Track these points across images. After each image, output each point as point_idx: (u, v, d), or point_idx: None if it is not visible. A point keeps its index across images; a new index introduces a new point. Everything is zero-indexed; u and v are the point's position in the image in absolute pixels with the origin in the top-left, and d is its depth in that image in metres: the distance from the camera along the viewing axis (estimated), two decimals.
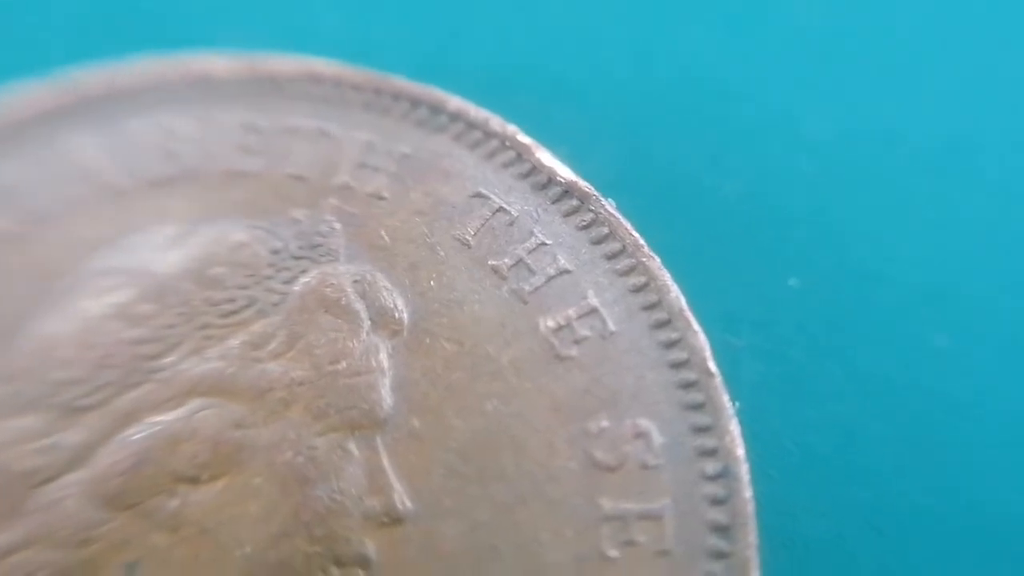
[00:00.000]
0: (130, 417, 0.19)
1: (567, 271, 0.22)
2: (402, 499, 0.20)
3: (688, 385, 0.21)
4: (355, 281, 0.21)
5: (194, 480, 0.18)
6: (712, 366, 0.21)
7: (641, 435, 0.21)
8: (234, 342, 0.20)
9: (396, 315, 0.21)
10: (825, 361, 0.24)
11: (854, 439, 0.23)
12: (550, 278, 0.22)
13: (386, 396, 0.20)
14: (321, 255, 0.21)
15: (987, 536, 0.22)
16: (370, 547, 0.19)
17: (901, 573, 0.22)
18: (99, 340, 0.19)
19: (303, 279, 0.21)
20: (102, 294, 0.20)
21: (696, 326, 0.21)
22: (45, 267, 0.21)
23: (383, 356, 0.20)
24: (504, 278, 0.22)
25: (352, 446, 0.20)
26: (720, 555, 0.19)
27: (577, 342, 0.21)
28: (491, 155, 0.23)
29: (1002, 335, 0.24)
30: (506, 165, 0.23)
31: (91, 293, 0.20)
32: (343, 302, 0.21)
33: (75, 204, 0.22)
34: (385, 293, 0.21)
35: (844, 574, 0.21)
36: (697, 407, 0.21)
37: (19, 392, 0.19)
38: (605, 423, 0.20)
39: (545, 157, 0.23)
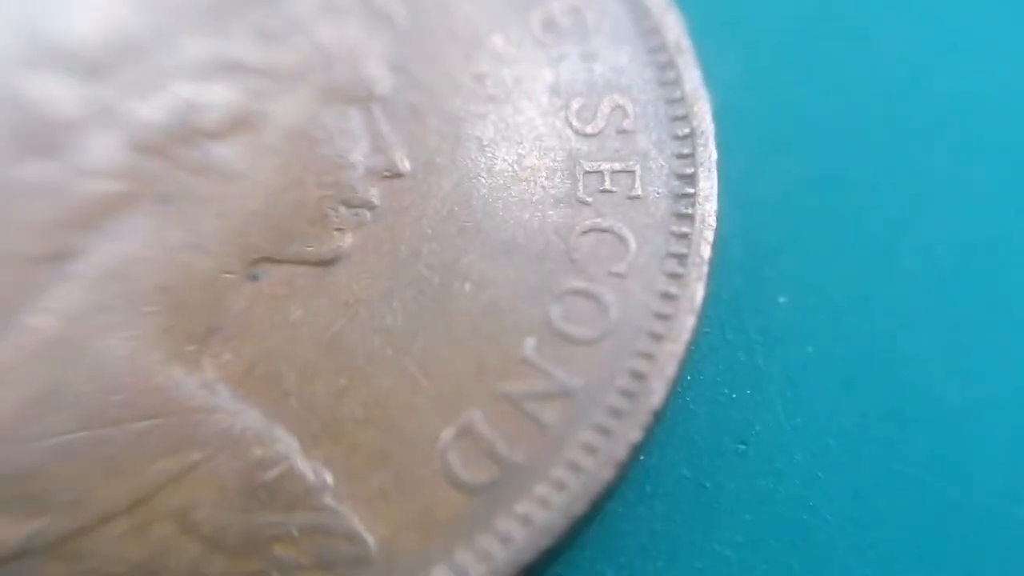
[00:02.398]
0: (160, 83, 0.22)
1: None
2: (401, 158, 0.23)
3: (663, 65, 0.24)
4: None
5: (217, 136, 0.21)
6: (685, 44, 0.23)
7: (618, 108, 0.24)
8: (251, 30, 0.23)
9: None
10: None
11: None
12: None
13: (385, 74, 0.23)
14: None
15: None
16: (374, 193, 0.22)
17: None
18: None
19: None
20: None
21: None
22: None
23: (381, 44, 0.23)
24: None
25: (355, 115, 0.22)
26: (684, 195, 0.22)
27: (561, 33, 0.24)
28: None
29: None
30: None
31: None
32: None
33: None
34: None
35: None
36: (671, 84, 0.24)
37: None
38: (586, 101, 0.23)
39: None
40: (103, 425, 0.19)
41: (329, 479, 0.19)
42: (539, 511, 0.19)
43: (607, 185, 0.23)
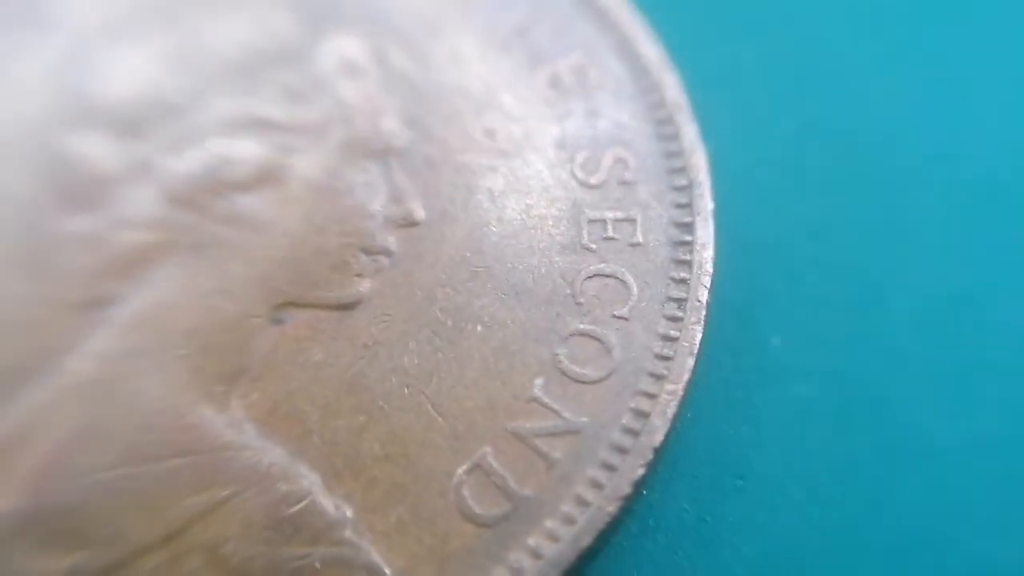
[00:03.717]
0: (193, 139, 0.23)
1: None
2: (417, 208, 0.24)
3: (662, 121, 0.25)
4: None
5: (245, 188, 0.23)
6: (683, 101, 0.24)
7: (619, 160, 0.25)
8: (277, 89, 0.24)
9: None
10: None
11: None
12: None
13: (401, 129, 0.24)
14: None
15: None
16: (391, 241, 0.24)
17: None
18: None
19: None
20: None
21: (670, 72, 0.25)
22: None
23: (398, 101, 0.25)
24: None
25: (374, 167, 0.24)
26: (683, 243, 0.23)
27: (566, 91, 0.25)
28: None
29: None
30: None
31: None
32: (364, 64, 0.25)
33: None
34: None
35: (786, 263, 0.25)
36: (670, 138, 0.25)
37: None
38: (590, 154, 0.25)
39: None
40: (138, 462, 0.20)
41: (349, 513, 0.20)
42: (548, 544, 0.20)
43: (610, 233, 0.24)
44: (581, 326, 0.23)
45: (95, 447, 0.20)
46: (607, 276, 0.24)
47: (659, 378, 0.22)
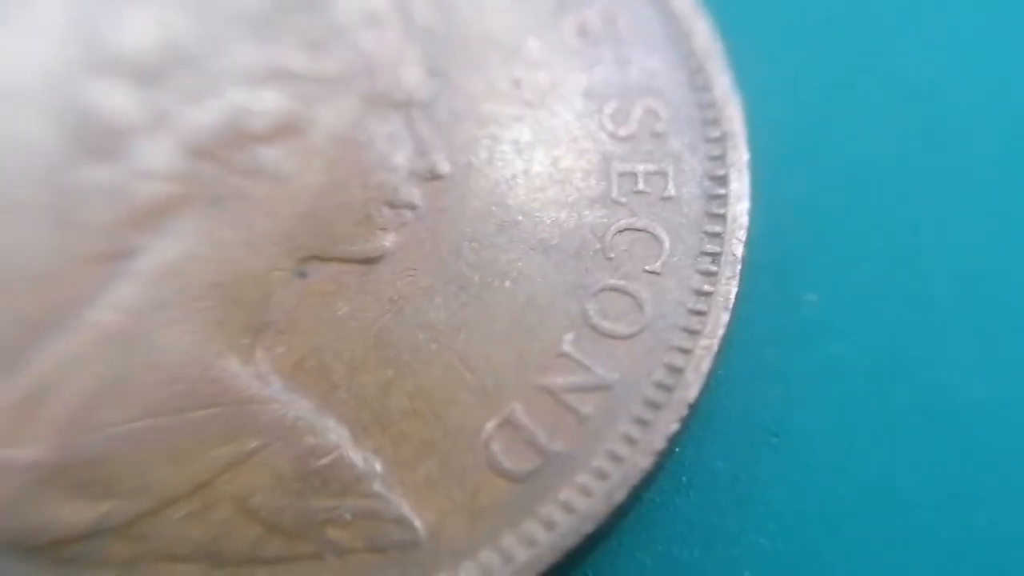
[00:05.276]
0: (212, 89, 0.22)
1: None
2: (441, 161, 0.23)
3: (695, 70, 0.24)
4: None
5: (266, 140, 0.22)
6: (716, 49, 0.24)
7: (650, 111, 0.24)
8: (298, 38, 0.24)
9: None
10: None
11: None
12: None
13: (425, 80, 0.23)
14: None
15: None
16: (416, 195, 0.23)
17: None
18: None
19: None
20: None
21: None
22: None
23: (420, 51, 0.24)
24: None
25: (397, 119, 0.23)
26: (716, 196, 0.22)
27: (594, 39, 0.25)
28: None
29: None
30: None
31: None
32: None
33: None
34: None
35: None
36: (702, 88, 0.24)
37: None
38: (620, 105, 0.24)
39: None
40: (165, 414, 0.20)
41: (379, 467, 0.20)
42: (581, 498, 0.20)
43: (641, 186, 0.23)
44: (612, 281, 0.22)
45: (120, 399, 0.19)
46: (638, 230, 0.23)
47: (693, 333, 0.22)
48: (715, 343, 0.21)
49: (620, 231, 0.23)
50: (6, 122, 0.22)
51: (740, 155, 0.24)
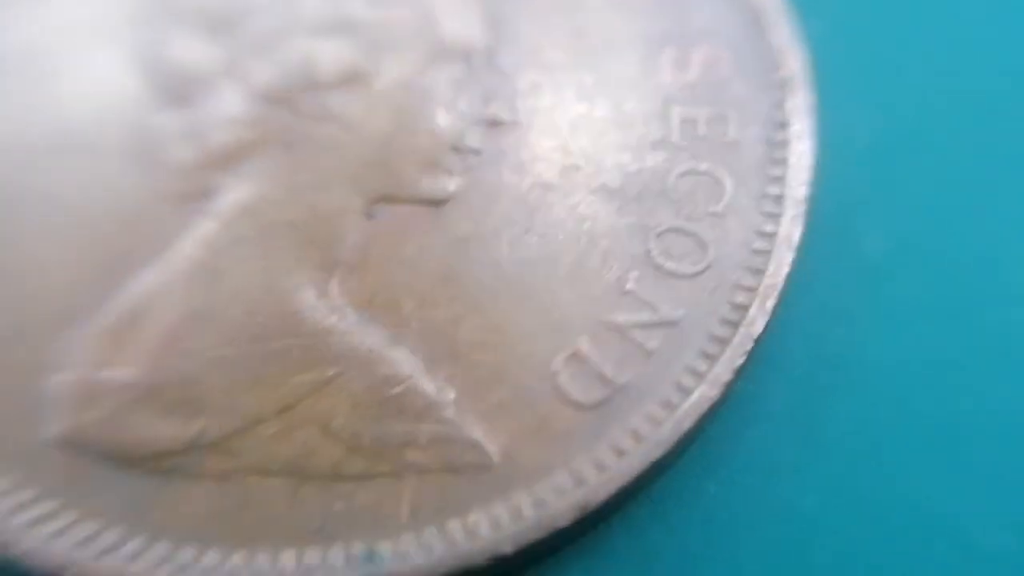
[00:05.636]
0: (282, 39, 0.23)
1: None
2: (504, 107, 0.23)
3: (758, 13, 0.24)
4: None
5: (334, 87, 0.22)
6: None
7: (713, 56, 0.24)
8: None
9: None
10: None
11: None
12: None
13: (487, 28, 0.24)
14: None
15: None
16: (479, 140, 0.23)
17: None
18: None
19: None
20: None
21: None
22: None
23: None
24: None
25: (460, 67, 0.23)
26: (779, 141, 0.22)
27: None
28: None
29: None
30: None
31: None
32: None
33: None
34: None
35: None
36: (765, 32, 0.24)
37: None
38: (682, 50, 0.24)
39: None
40: (246, 343, 0.20)
41: (451, 395, 0.20)
42: (650, 427, 0.20)
43: (702, 131, 0.24)
44: (675, 222, 0.23)
45: (205, 327, 0.20)
46: (700, 174, 0.23)
47: (757, 272, 0.22)
48: (779, 281, 0.22)
49: (682, 174, 0.23)
50: (93, 68, 0.23)
51: (802, 99, 0.24)
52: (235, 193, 0.21)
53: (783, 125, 0.23)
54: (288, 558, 0.18)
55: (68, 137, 0.22)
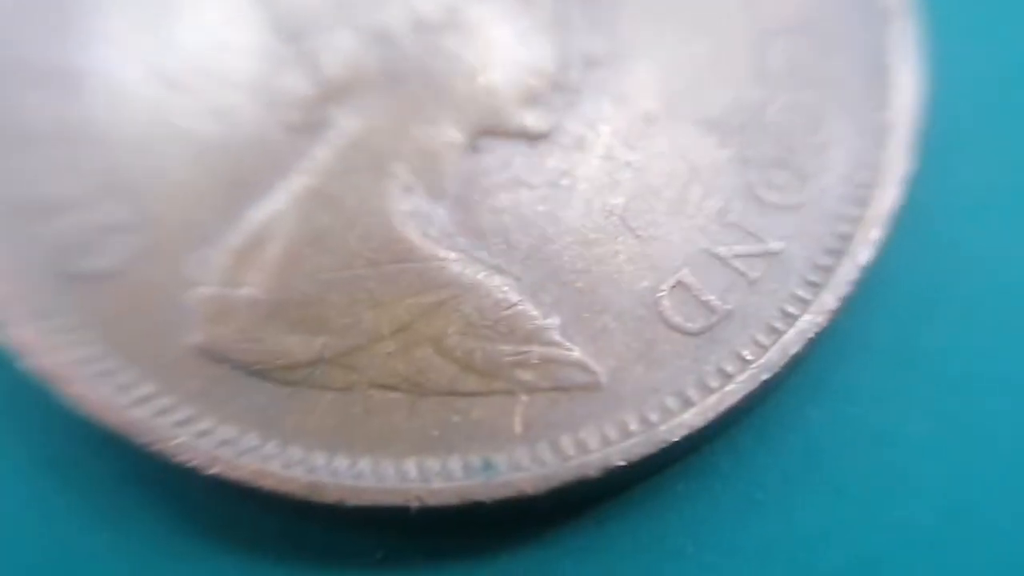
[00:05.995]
0: None
1: None
2: (604, 45, 0.24)
3: None
4: None
5: (438, 29, 0.23)
6: None
7: None
8: None
9: None
10: None
11: None
12: None
13: None
14: None
15: None
16: (579, 78, 0.23)
17: None
18: None
19: None
20: None
21: None
22: None
23: None
24: None
25: (560, 7, 0.24)
26: (883, 81, 0.22)
27: None
28: None
29: None
30: None
31: None
32: None
33: None
34: None
35: None
36: None
37: None
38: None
39: None
40: (361, 266, 0.21)
41: (558, 320, 0.21)
42: (756, 350, 0.20)
43: (803, 62, 0.23)
44: (775, 154, 0.23)
45: (323, 249, 0.21)
46: (801, 106, 0.23)
47: (861, 203, 0.22)
48: (884, 213, 0.21)
49: (783, 107, 0.23)
50: (218, 9, 0.24)
51: (909, 36, 0.23)
52: (347, 125, 0.22)
53: (885, 56, 0.23)
54: (410, 466, 0.19)
55: (196, 73, 0.23)
